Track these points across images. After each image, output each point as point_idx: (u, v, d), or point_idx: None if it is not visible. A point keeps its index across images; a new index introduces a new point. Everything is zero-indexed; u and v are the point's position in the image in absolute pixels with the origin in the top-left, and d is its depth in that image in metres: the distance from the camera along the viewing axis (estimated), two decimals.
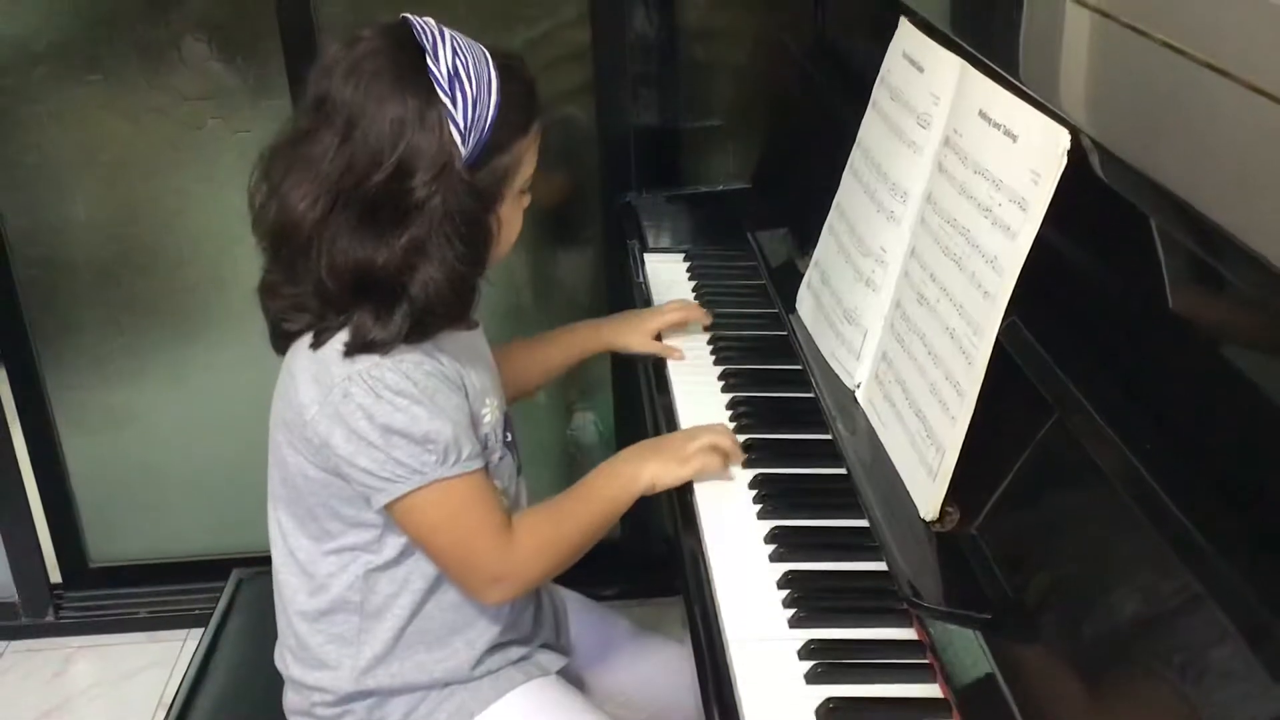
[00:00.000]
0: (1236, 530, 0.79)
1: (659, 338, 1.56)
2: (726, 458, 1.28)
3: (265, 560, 1.29)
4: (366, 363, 1.12)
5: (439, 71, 1.10)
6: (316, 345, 1.15)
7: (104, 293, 2.15)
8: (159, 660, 2.25)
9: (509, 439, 1.29)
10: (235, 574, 1.68)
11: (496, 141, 1.13)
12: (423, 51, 1.11)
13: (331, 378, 1.13)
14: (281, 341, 1.20)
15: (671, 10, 2.03)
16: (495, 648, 1.27)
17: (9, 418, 2.20)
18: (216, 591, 1.65)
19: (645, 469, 1.26)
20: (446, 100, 1.09)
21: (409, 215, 1.09)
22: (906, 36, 1.34)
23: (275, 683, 1.33)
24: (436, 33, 1.13)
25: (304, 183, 1.11)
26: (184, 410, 2.24)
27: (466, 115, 1.10)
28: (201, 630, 1.59)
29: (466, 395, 1.19)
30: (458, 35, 1.14)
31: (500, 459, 1.26)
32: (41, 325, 2.16)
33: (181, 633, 2.29)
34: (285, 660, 1.30)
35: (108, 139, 2.06)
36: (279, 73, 2.00)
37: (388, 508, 1.16)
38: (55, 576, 2.34)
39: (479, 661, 1.26)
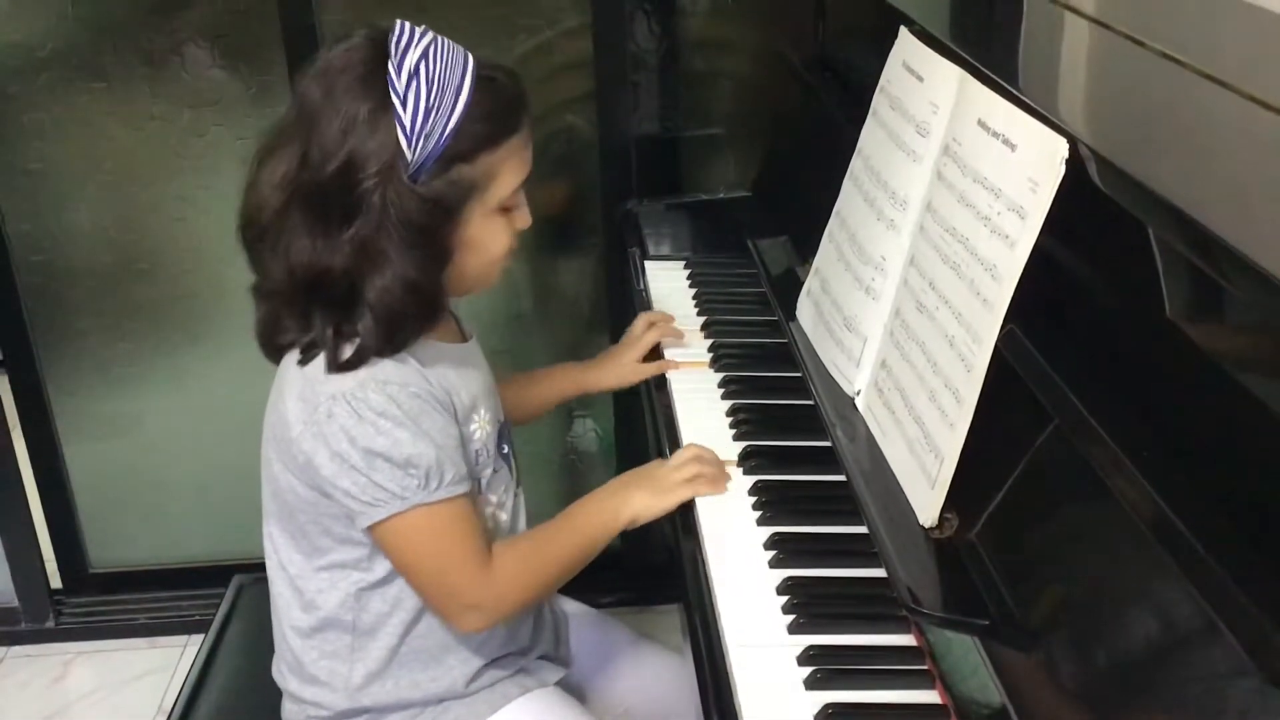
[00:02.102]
0: (1235, 539, 0.79)
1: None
2: (713, 484, 1.27)
3: (265, 567, 1.29)
4: (351, 383, 1.12)
5: (398, 75, 1.09)
6: (304, 362, 1.15)
7: (106, 299, 2.16)
8: (159, 666, 2.25)
9: (505, 450, 1.29)
10: (236, 580, 1.67)
11: (457, 151, 1.10)
12: (388, 55, 1.10)
13: (316, 396, 1.13)
14: (272, 352, 1.20)
15: (672, 20, 2.04)
16: (491, 663, 1.27)
17: (10, 423, 2.20)
18: (217, 598, 1.65)
19: (628, 505, 1.25)
20: (398, 102, 1.08)
21: (353, 214, 1.09)
22: (906, 46, 1.34)
23: (275, 689, 1.33)
24: (413, 37, 1.11)
25: (272, 175, 1.12)
26: (185, 416, 2.24)
27: (416, 120, 1.08)
28: (202, 636, 1.59)
29: (455, 416, 1.18)
30: (442, 42, 1.12)
31: (495, 472, 1.26)
32: (43, 331, 2.16)
33: (182, 639, 2.29)
34: (282, 673, 1.30)
35: (111, 146, 2.06)
36: (282, 80, 2.00)
37: (369, 530, 1.15)
38: (56, 582, 2.34)
39: (474, 677, 1.26)
